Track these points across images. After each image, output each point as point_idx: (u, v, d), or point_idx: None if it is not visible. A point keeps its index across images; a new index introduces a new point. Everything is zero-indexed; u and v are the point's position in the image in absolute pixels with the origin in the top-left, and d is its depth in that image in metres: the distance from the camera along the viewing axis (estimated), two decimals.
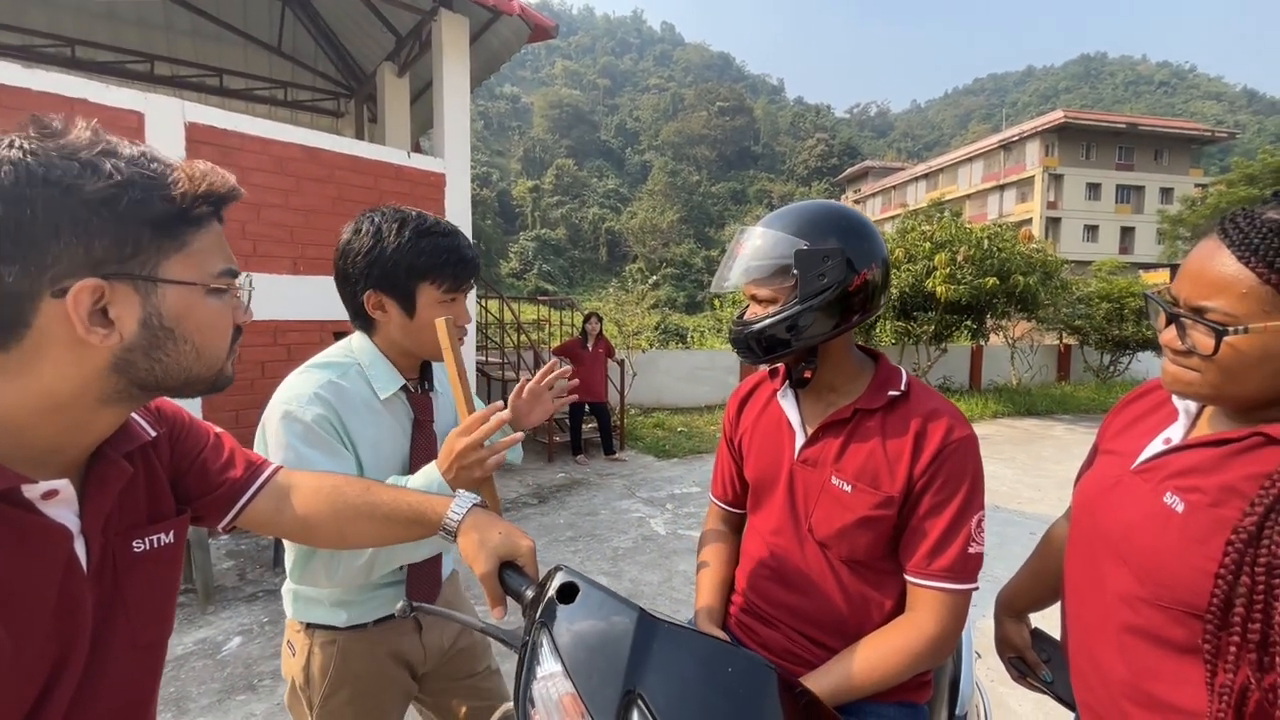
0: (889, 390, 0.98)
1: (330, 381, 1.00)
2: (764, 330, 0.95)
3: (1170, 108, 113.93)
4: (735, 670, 0.66)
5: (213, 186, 0.56)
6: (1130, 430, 0.87)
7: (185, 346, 0.57)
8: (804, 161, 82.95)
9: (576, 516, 4.77)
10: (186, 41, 6.69)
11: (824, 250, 0.91)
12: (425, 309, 1.03)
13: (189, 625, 2.95)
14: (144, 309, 0.53)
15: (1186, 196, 27.80)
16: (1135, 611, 0.75)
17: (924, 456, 0.92)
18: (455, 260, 1.03)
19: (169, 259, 0.54)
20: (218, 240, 0.59)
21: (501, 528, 0.79)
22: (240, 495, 0.77)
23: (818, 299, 0.91)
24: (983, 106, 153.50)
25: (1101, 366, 13.06)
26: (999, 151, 38.37)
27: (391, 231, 1.00)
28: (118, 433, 0.62)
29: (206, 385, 0.61)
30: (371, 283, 1.01)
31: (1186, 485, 0.72)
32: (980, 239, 9.42)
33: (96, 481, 0.60)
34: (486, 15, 5.09)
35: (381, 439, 1.04)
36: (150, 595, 0.65)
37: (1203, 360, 0.68)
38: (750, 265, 0.96)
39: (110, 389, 0.55)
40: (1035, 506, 5.17)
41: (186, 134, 3.79)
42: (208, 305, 0.58)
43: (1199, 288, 0.68)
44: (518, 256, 54.18)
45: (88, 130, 0.52)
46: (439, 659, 1.21)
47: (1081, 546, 0.86)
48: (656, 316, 13.14)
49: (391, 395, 1.06)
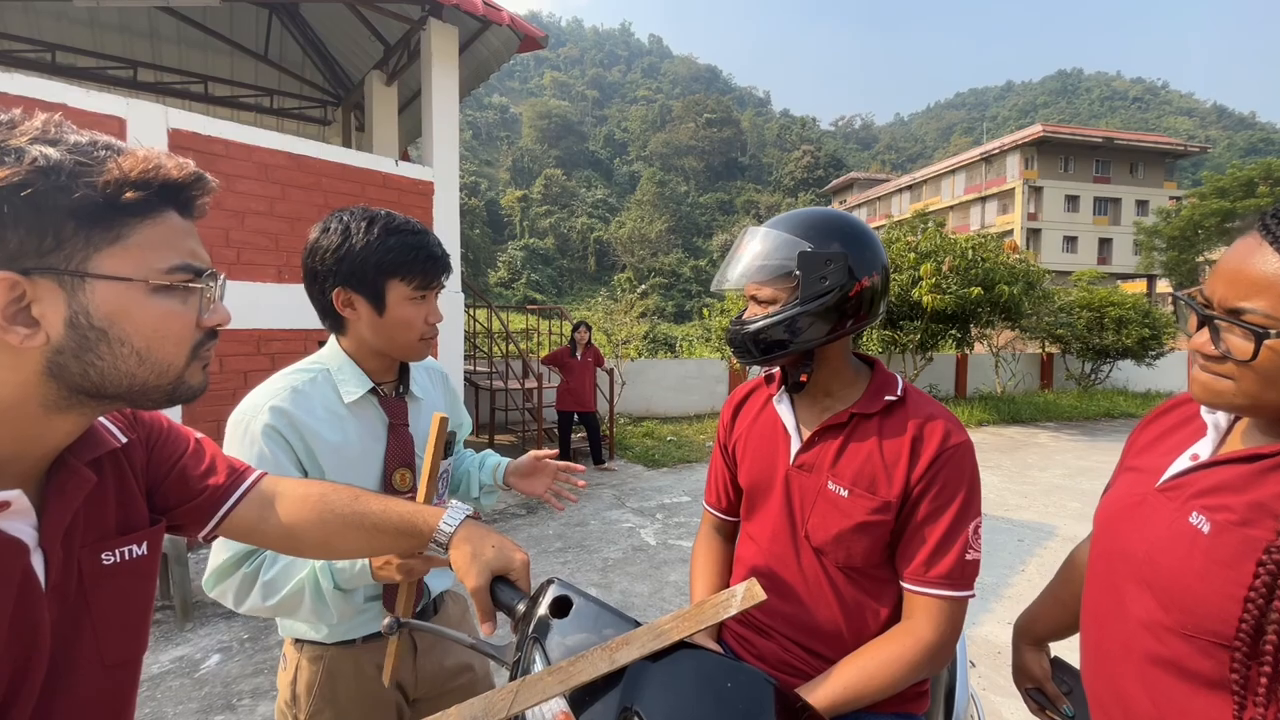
0: (885, 395, 0.98)
1: (290, 389, 1.00)
2: (763, 330, 0.94)
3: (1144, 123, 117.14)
4: (734, 685, 0.64)
5: (151, 173, 0.51)
6: (1156, 446, 0.82)
7: (123, 350, 0.51)
8: (790, 173, 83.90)
9: (566, 527, 4.72)
10: (171, 48, 6.62)
11: (827, 254, 0.91)
12: (395, 306, 1.01)
13: (166, 643, 2.86)
14: (70, 307, 0.48)
15: (1161, 209, 28.58)
16: (1159, 640, 0.69)
17: (921, 462, 0.91)
18: (424, 257, 1.02)
19: (100, 252, 0.49)
20: (172, 233, 0.54)
21: (495, 541, 0.76)
22: (222, 503, 0.73)
23: (818, 302, 0.91)
24: (964, 120, 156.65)
25: (1083, 375, 13.27)
26: (980, 164, 39.11)
27: (360, 229, 1.00)
28: (81, 439, 0.58)
29: (163, 395, 0.56)
30: (340, 279, 1.00)
31: (1214, 504, 0.67)
32: (964, 249, 9.57)
33: (56, 491, 0.56)
34: (476, 25, 5.11)
35: (348, 443, 1.03)
36: (121, 610, 0.62)
37: (1239, 367, 0.63)
38: (753, 265, 0.96)
39: (51, 395, 0.51)
40: (1022, 514, 5.22)
41: (170, 140, 3.73)
42: (153, 305, 0.52)
43: (1236, 287, 0.63)
44: (506, 266, 54.07)
45: (40, 120, 0.48)
46: (434, 686, 1.17)
47: (1102, 569, 0.81)
48: (645, 326, 13.16)
49: (360, 399, 1.05)
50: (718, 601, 0.69)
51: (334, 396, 1.03)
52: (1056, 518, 5.10)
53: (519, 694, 0.60)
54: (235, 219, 3.99)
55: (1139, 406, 11.95)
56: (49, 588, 0.55)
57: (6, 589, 0.52)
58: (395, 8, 4.96)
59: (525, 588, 0.75)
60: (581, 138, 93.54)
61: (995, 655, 2.87)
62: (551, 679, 0.61)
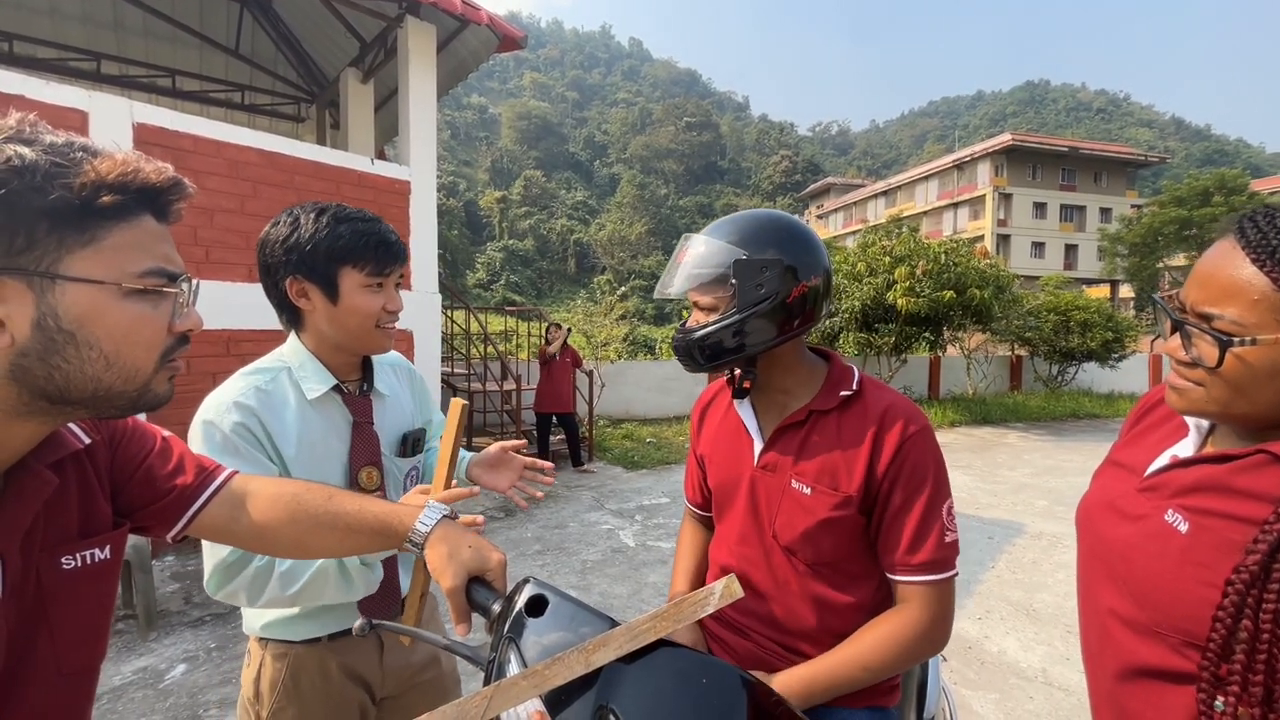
0: (841, 390, 0.99)
1: (255, 388, 0.99)
2: (705, 338, 0.95)
3: (1108, 133, 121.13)
4: (708, 680, 0.65)
5: (129, 177, 0.50)
6: (1140, 441, 0.81)
7: (91, 354, 0.51)
8: (769, 177, 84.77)
9: (544, 530, 4.69)
10: (137, 40, 6.42)
11: (762, 260, 0.92)
12: (349, 294, 1.01)
13: (128, 653, 2.77)
14: (38, 308, 0.48)
15: (1124, 216, 29.64)
16: (1134, 635, 0.70)
17: (884, 455, 0.93)
18: (376, 243, 1.02)
19: (73, 254, 0.48)
20: (146, 237, 0.53)
21: (471, 540, 0.75)
22: (191, 502, 0.71)
23: (755, 309, 0.92)
24: (937, 128, 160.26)
25: (1050, 376, 13.66)
26: (953, 171, 40.07)
27: (309, 219, 1.00)
28: (42, 442, 0.57)
29: (128, 402, 0.55)
30: (291, 269, 1.00)
31: (1190, 504, 0.66)
32: (937, 254, 9.79)
33: (15, 495, 0.55)
34: (454, 24, 5.05)
35: (313, 441, 1.02)
36: (80, 616, 0.60)
37: (1208, 373, 0.62)
38: (691, 273, 0.97)
39: (12, 400, 0.50)
40: (992, 511, 5.35)
41: (134, 135, 3.62)
42: (124, 309, 0.52)
43: (1208, 293, 0.62)
44: (485, 267, 53.56)
45: (14, 118, 0.48)
46: (400, 684, 1.16)
47: (1082, 564, 0.82)
48: (625, 328, 13.15)
49: (322, 396, 1.04)
50: (696, 600, 0.69)
51: (296, 394, 1.03)
52: (1025, 515, 5.24)
53: (493, 700, 0.60)
54: (204, 217, 3.88)
55: (1103, 407, 12.35)
56: (5, 593, 0.53)
57: None
58: (372, 4, 4.88)
59: (501, 588, 0.74)
60: (561, 139, 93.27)
61: (966, 650, 2.93)
62: (526, 683, 0.60)
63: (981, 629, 3.16)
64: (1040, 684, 2.66)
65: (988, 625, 3.20)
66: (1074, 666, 2.77)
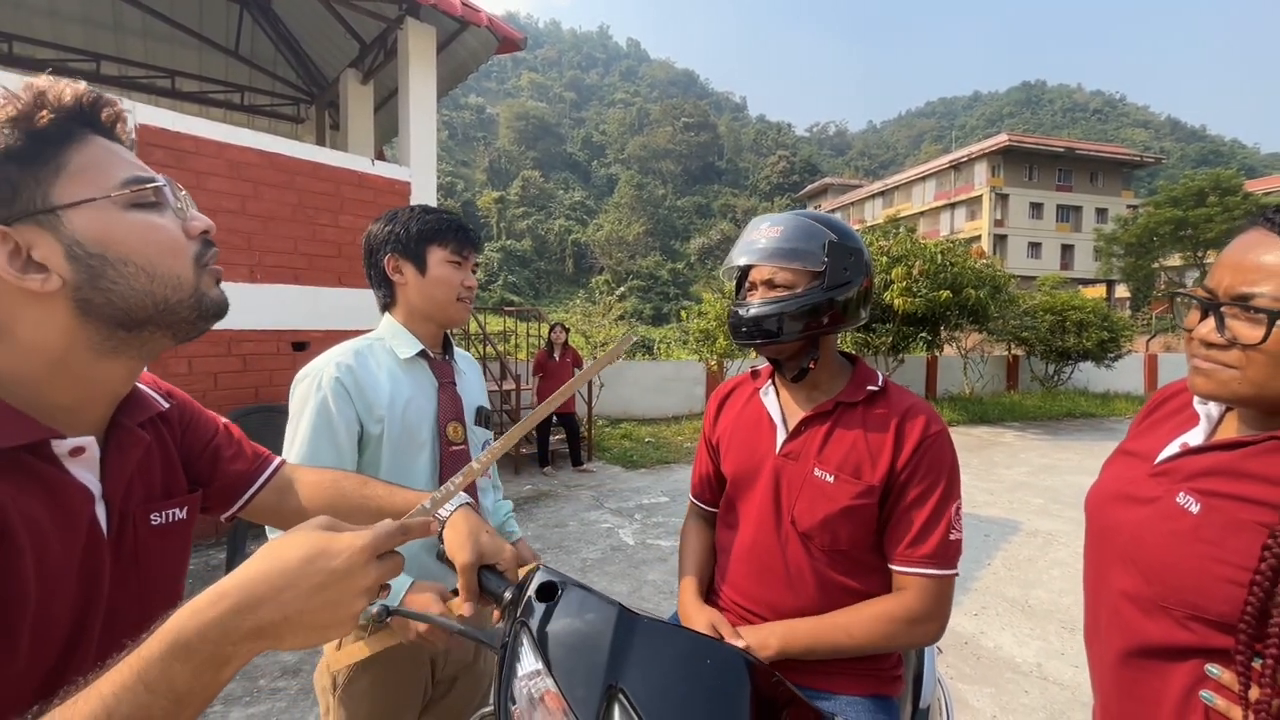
0: (868, 385, 1.04)
1: (354, 350, 1.17)
2: (782, 312, 0.97)
3: (1104, 134, 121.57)
4: (714, 662, 0.68)
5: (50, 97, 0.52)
6: (1153, 431, 0.84)
7: (128, 269, 0.53)
8: (766, 177, 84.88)
9: (545, 529, 4.72)
10: (136, 41, 6.42)
11: (850, 247, 0.97)
12: (435, 267, 1.21)
13: None
14: (61, 242, 0.51)
15: (1119, 216, 29.73)
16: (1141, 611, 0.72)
17: (905, 449, 0.96)
18: (458, 227, 1.24)
19: (52, 185, 0.51)
20: (106, 153, 0.55)
21: (488, 529, 0.80)
22: (249, 486, 0.77)
23: (839, 289, 0.96)
24: (934, 128, 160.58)
25: (1046, 376, 13.72)
26: (949, 171, 40.17)
27: (405, 213, 1.23)
28: (131, 402, 0.62)
29: (191, 311, 0.58)
30: (389, 249, 1.20)
31: (1203, 487, 0.69)
32: (934, 254, 9.83)
33: (116, 448, 0.59)
34: (454, 26, 5.07)
35: (405, 399, 1.17)
36: (163, 572, 0.64)
37: (1245, 353, 0.65)
38: (781, 246, 0.98)
39: (93, 337, 0.54)
40: (989, 510, 5.39)
41: (136, 136, 3.63)
42: (130, 220, 0.54)
43: (1243, 275, 0.65)
44: (483, 268, 53.47)
45: None
46: (456, 667, 1.24)
47: (1092, 548, 0.84)
48: (623, 328, 13.18)
49: (412, 357, 1.21)
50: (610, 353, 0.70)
51: (390, 359, 1.20)
52: (1021, 513, 5.28)
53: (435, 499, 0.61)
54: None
55: (1099, 406, 12.41)
56: (108, 538, 0.57)
57: (78, 533, 0.54)
58: (372, 6, 4.90)
59: (513, 578, 0.77)
60: (559, 140, 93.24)
61: (962, 645, 2.97)
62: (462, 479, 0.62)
63: (978, 625, 3.19)
64: (1035, 678, 2.69)
65: (984, 621, 3.24)
66: (1068, 661, 2.81)
